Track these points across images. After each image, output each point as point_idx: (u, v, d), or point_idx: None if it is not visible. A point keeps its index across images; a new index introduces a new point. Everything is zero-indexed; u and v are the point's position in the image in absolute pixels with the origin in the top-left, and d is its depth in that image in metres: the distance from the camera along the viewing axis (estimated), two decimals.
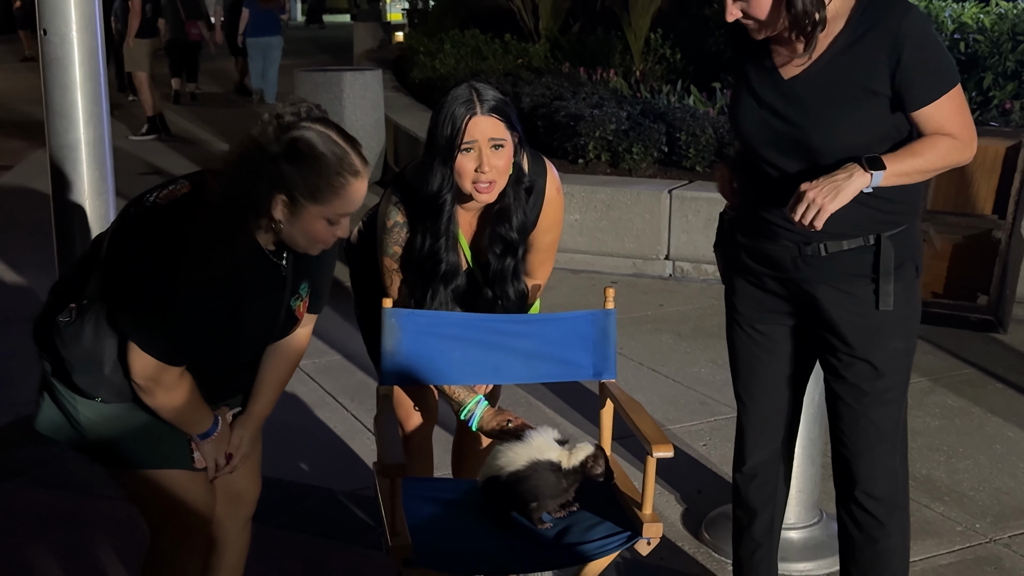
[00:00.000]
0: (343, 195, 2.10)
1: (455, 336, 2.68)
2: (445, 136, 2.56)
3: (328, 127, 2.13)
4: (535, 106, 7.80)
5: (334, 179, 2.09)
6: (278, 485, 3.70)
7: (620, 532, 2.46)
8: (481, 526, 2.53)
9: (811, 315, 2.50)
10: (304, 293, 2.35)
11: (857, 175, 2.23)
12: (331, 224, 2.14)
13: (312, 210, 2.10)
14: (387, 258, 2.72)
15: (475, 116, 2.54)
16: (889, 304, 2.39)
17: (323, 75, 8.86)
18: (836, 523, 3.35)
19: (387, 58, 13.36)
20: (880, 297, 2.39)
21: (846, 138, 2.31)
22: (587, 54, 10.23)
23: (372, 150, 8.78)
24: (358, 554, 3.27)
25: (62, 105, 3.93)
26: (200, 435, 2.34)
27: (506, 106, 2.60)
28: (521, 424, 2.60)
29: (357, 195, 2.13)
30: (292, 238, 2.16)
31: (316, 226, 2.13)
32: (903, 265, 2.41)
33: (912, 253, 2.43)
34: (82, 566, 3.19)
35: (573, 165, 7.12)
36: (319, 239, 2.16)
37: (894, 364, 2.46)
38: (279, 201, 2.09)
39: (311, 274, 2.34)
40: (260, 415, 2.48)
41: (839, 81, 2.32)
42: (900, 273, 2.40)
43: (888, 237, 2.37)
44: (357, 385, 4.58)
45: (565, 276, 6.11)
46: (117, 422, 2.27)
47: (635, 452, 3.71)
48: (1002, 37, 7.53)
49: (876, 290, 2.39)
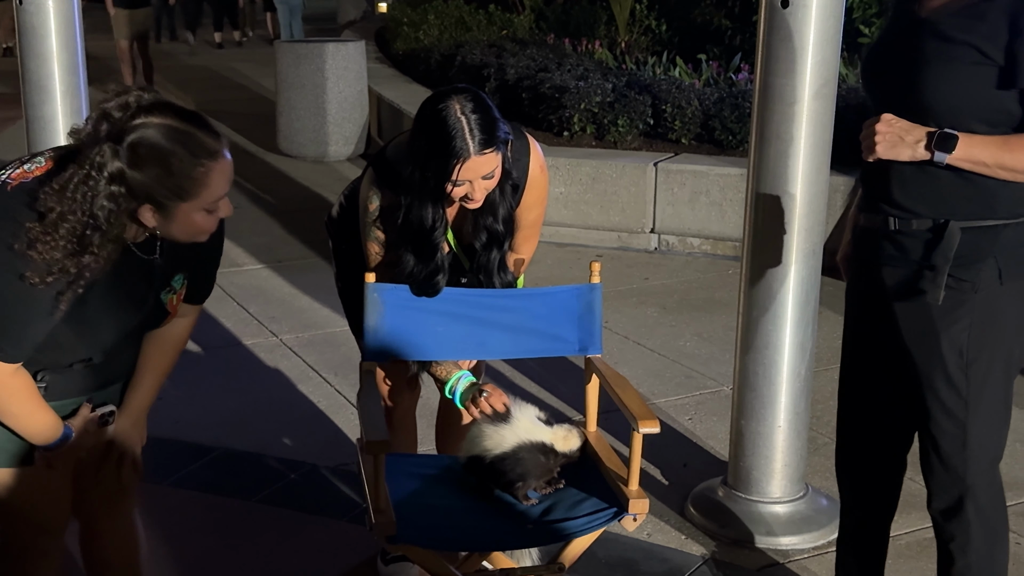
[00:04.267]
0: (210, 183, 1.93)
1: (439, 311, 2.65)
2: (436, 172, 2.44)
3: (164, 114, 1.91)
4: (520, 78, 7.74)
5: (194, 171, 1.90)
6: (261, 460, 3.68)
7: (606, 508, 2.45)
8: (466, 502, 2.51)
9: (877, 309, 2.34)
10: (178, 286, 2.18)
11: (921, 144, 2.09)
12: (210, 212, 1.98)
13: (184, 207, 1.94)
14: (370, 242, 2.67)
15: (468, 160, 2.42)
16: (937, 299, 2.17)
17: (305, 47, 8.78)
18: (822, 497, 3.36)
19: (370, 29, 13.26)
20: (928, 288, 2.18)
21: (936, 99, 2.13)
22: (572, 25, 10.17)
23: (355, 122, 8.73)
24: (342, 529, 3.25)
25: (38, 76, 3.86)
26: (46, 446, 2.11)
27: (496, 127, 2.46)
28: (495, 394, 2.57)
29: (224, 176, 1.96)
30: (172, 235, 2.01)
31: (194, 219, 1.97)
32: (978, 263, 2.18)
33: (1000, 254, 2.18)
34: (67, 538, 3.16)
35: (558, 137, 7.08)
36: (202, 229, 2.01)
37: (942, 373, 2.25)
38: (145, 211, 1.92)
39: (188, 266, 2.18)
40: (139, 406, 2.31)
41: (954, 35, 2.12)
42: (970, 270, 2.18)
43: (963, 228, 2.16)
44: (340, 359, 4.55)
45: (550, 250, 6.08)
46: None
47: (620, 426, 3.69)
48: None
49: (929, 281, 2.18)
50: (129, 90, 1.92)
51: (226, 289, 5.41)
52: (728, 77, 7.68)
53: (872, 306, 2.38)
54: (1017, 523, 3.32)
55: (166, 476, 3.56)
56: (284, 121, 8.78)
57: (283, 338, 4.84)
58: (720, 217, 6.12)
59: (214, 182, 1.94)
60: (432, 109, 2.45)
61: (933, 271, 2.20)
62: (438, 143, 2.42)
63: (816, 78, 2.92)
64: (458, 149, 2.40)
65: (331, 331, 4.85)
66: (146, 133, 1.87)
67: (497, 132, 2.45)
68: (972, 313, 2.23)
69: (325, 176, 8.12)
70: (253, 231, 6.57)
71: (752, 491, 3.26)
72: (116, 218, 1.90)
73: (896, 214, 2.25)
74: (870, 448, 2.56)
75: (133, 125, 1.87)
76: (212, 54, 16.16)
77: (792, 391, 3.16)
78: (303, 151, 8.70)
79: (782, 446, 3.21)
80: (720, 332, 4.80)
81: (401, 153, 2.58)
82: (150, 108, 1.90)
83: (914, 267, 2.24)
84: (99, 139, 1.87)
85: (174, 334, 2.30)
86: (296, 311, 5.19)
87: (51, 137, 3.92)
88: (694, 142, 6.81)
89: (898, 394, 2.43)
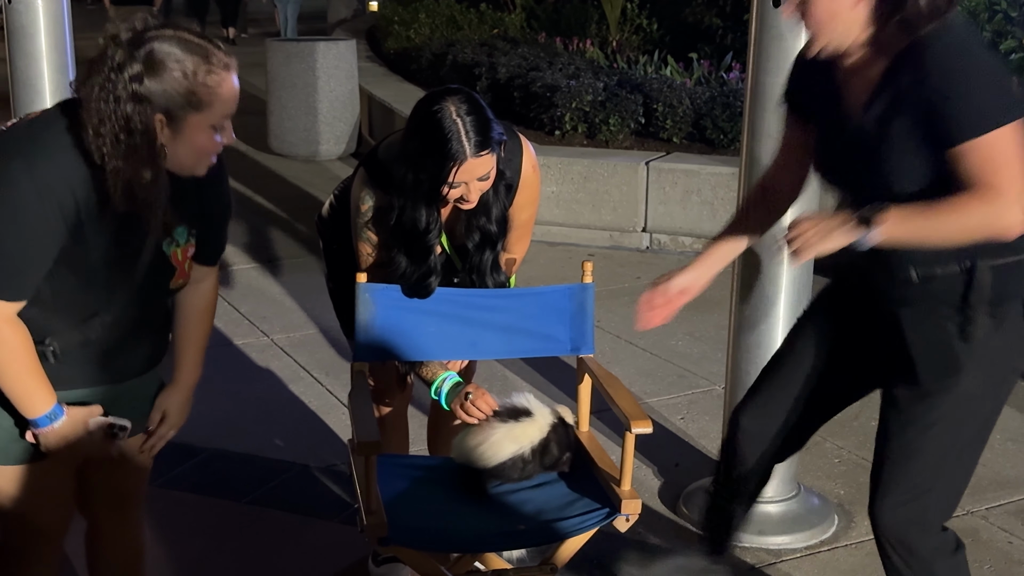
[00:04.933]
0: (221, 93, 1.95)
1: (430, 311, 2.64)
2: (431, 175, 2.43)
3: (177, 29, 1.95)
4: (511, 77, 7.73)
5: (209, 79, 1.92)
6: (252, 461, 3.67)
7: (598, 508, 2.44)
8: (457, 503, 2.50)
9: (889, 336, 2.26)
10: (182, 240, 2.15)
11: (848, 227, 2.02)
12: (215, 132, 1.99)
13: (194, 120, 1.94)
14: (362, 243, 2.66)
15: (465, 162, 2.41)
16: (977, 335, 2.11)
17: (296, 45, 8.76)
18: (814, 497, 3.36)
19: (361, 28, 13.25)
20: (966, 328, 2.12)
21: (898, 184, 2.08)
22: (563, 24, 10.16)
23: (346, 121, 8.71)
24: (333, 529, 3.24)
25: (28, 75, 3.85)
26: (37, 420, 2.05)
27: (491, 128, 2.44)
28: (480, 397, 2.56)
29: (233, 91, 1.98)
30: (178, 159, 1.99)
31: (201, 137, 1.97)
32: (1006, 302, 2.13)
33: (1018, 291, 2.13)
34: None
35: (549, 136, 7.07)
36: (206, 150, 2.01)
37: (958, 406, 2.19)
38: (158, 122, 1.92)
39: (190, 219, 2.14)
40: (188, 381, 2.31)
41: (890, 121, 2.08)
42: (999, 309, 2.12)
43: (990, 266, 2.10)
44: (331, 359, 4.54)
45: (542, 249, 6.07)
46: None
47: (612, 426, 3.69)
48: (979, 7, 7.51)
49: (963, 321, 2.12)
50: (135, 16, 1.95)
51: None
52: (719, 76, 7.68)
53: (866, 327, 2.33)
54: (1010, 522, 3.33)
55: (156, 477, 3.50)
56: (275, 120, 8.76)
57: (274, 338, 4.82)
58: (712, 216, 6.12)
59: (226, 94, 1.96)
60: (427, 111, 2.43)
61: (963, 313, 2.12)
62: (434, 146, 2.40)
63: None
64: (455, 152, 2.39)
65: (322, 331, 4.84)
66: (161, 44, 1.90)
67: (492, 133, 2.44)
68: (992, 347, 2.16)
69: (316, 175, 8.10)
70: (244, 230, 6.55)
71: None
72: (148, 120, 1.91)
73: (919, 269, 2.16)
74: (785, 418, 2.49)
75: (148, 36, 1.91)
76: None
77: None
78: (294, 150, 8.67)
79: None
80: (712, 331, 4.80)
81: (393, 153, 2.56)
82: (161, 26, 1.94)
83: (942, 308, 2.16)
84: (115, 58, 1.89)
85: (200, 302, 2.30)
86: (287, 311, 5.17)
87: None
88: (685, 141, 6.81)
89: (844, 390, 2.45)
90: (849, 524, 3.30)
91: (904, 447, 2.23)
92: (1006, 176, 1.97)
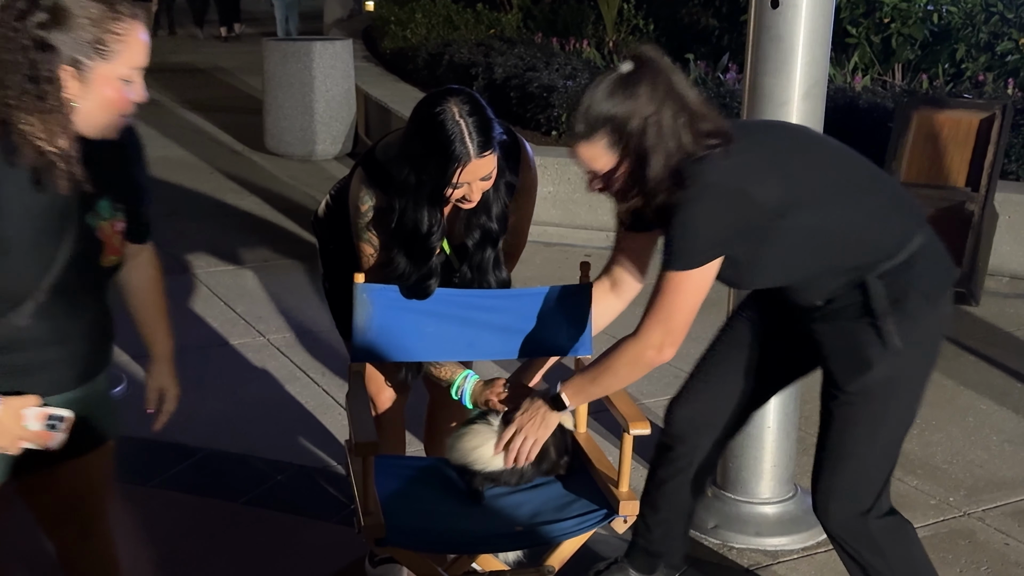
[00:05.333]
0: (130, 41, 1.90)
1: (428, 311, 2.63)
2: (434, 176, 2.42)
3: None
4: (508, 77, 7.73)
5: (115, 25, 1.87)
6: (248, 461, 3.66)
7: (596, 510, 2.44)
8: (454, 504, 2.50)
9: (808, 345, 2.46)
10: (107, 214, 2.06)
11: (548, 412, 2.43)
12: (126, 85, 1.93)
13: (102, 70, 1.89)
14: (363, 244, 2.65)
15: (469, 163, 2.40)
16: (897, 343, 2.28)
17: (292, 45, 8.74)
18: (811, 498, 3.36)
19: (357, 28, 13.23)
20: (881, 337, 2.28)
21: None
22: (560, 24, 10.16)
23: (343, 121, 8.70)
24: (329, 530, 3.24)
25: None
26: None
27: (492, 128, 2.44)
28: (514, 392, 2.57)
29: (143, 41, 1.93)
30: (88, 116, 1.93)
31: (109, 90, 1.92)
32: (906, 298, 2.29)
33: (916, 284, 2.30)
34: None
35: (546, 137, 7.07)
36: (116, 105, 1.94)
37: (881, 400, 2.37)
38: (66, 74, 1.87)
39: (114, 191, 2.07)
40: (164, 353, 2.33)
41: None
42: (903, 306, 2.29)
43: (878, 277, 2.28)
44: (328, 359, 4.53)
45: (538, 249, 6.07)
46: None
47: (609, 427, 3.68)
48: (975, 8, 7.52)
49: (876, 331, 2.29)
50: None
51: (213, 289, 5.38)
52: (716, 77, 7.68)
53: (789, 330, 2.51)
54: (1006, 523, 3.33)
55: (151, 477, 3.53)
56: (271, 120, 8.75)
57: (270, 338, 4.81)
58: None
59: (134, 43, 1.91)
60: (429, 113, 2.42)
61: (876, 322, 2.29)
62: (437, 147, 2.39)
63: (806, 78, 2.91)
64: (458, 153, 2.38)
65: (319, 331, 4.83)
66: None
67: (494, 133, 2.44)
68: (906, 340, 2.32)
69: (313, 175, 8.09)
70: (240, 230, 6.55)
71: (741, 492, 3.26)
72: (54, 69, 1.86)
73: (820, 297, 2.35)
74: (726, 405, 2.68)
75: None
76: (199, 51, 16.10)
77: (782, 392, 3.14)
78: (290, 150, 8.66)
79: (771, 447, 3.21)
80: (709, 332, 4.74)
81: (392, 154, 2.55)
82: None
83: (851, 321, 2.33)
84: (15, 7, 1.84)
85: (142, 274, 2.27)
86: (284, 311, 5.17)
87: None
88: None
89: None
90: None
91: (836, 449, 2.42)
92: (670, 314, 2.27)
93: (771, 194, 2.21)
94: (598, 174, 2.26)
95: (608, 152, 2.19)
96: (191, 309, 5.14)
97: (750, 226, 2.22)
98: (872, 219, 2.31)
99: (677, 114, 2.15)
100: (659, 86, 2.14)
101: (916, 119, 5.54)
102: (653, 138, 2.14)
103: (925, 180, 5.48)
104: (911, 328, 2.30)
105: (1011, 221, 5.59)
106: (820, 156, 2.35)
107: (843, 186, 2.32)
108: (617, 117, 2.14)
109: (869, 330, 2.30)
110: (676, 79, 2.18)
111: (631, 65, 2.16)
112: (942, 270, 2.39)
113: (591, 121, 2.16)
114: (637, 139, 2.15)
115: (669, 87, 2.16)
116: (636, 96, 2.13)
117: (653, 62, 2.17)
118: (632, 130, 2.14)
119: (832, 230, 2.28)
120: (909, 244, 2.30)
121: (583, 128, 2.17)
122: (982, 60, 7.23)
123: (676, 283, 2.24)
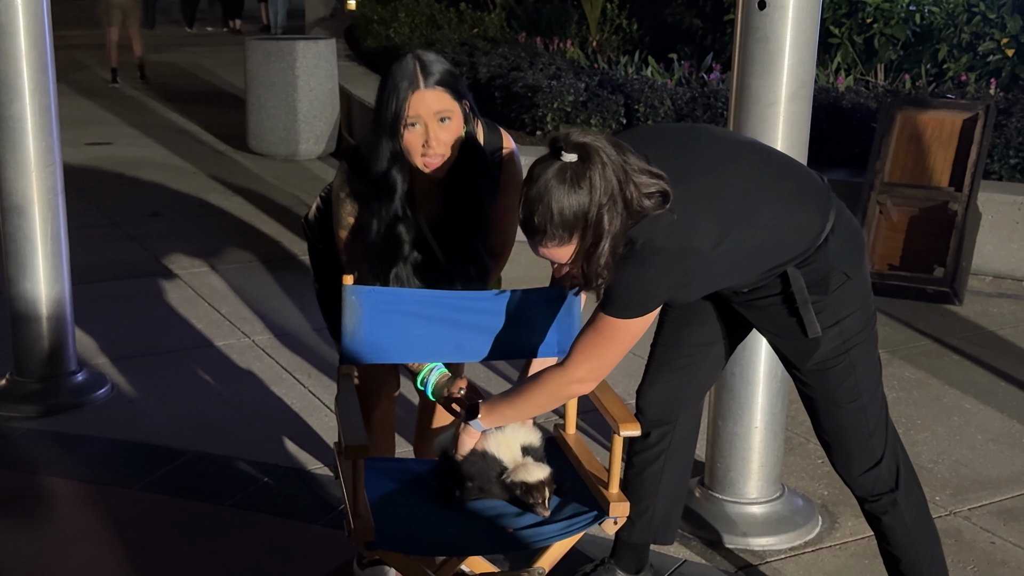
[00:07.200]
0: None
1: (417, 313, 2.62)
2: (390, 113, 2.48)
3: None
4: (492, 77, 7.73)
5: None
6: (233, 464, 3.64)
7: (586, 512, 2.43)
8: (444, 507, 2.49)
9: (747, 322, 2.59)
10: None
11: (464, 427, 2.44)
12: None
13: None
14: (342, 230, 2.66)
15: (419, 91, 2.46)
16: (817, 331, 2.38)
17: (275, 44, 8.71)
18: (798, 498, 3.37)
19: (339, 26, 13.20)
20: (806, 326, 2.39)
21: None
22: (543, 24, 10.16)
23: (326, 120, 8.67)
24: (316, 533, 3.22)
25: (7, 75, 3.83)
26: None
27: (452, 76, 2.52)
28: (471, 394, 2.56)
29: None
30: None
31: None
32: (826, 280, 2.38)
33: (833, 262, 2.38)
34: (37, 544, 3.12)
35: (531, 137, 7.07)
36: None
37: (836, 360, 2.45)
38: None
39: None
40: None
41: None
42: (821, 287, 2.38)
43: (796, 267, 2.36)
44: (314, 360, 4.51)
45: (525, 249, 6.03)
46: None
47: (599, 428, 3.68)
48: (957, 9, 7.56)
49: (798, 320, 2.39)
50: None
51: (197, 290, 5.35)
52: (700, 77, 7.70)
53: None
54: (992, 522, 3.35)
55: (136, 480, 3.51)
56: (254, 119, 8.71)
57: (256, 339, 4.79)
58: None
59: None
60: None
61: (796, 309, 2.38)
62: (391, 81, 2.47)
63: (793, 79, 2.92)
64: (408, 82, 2.46)
65: (304, 332, 4.81)
66: None
67: (452, 80, 2.51)
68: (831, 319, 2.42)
69: (296, 175, 8.06)
70: (224, 230, 6.51)
71: (729, 492, 3.26)
72: None
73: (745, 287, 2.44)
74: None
75: None
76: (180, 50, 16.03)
77: (769, 392, 3.16)
78: (274, 149, 8.63)
79: (759, 447, 3.22)
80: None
81: (371, 141, 2.57)
82: None
83: (777, 307, 2.43)
84: None
85: None
86: (269, 312, 5.14)
87: (20, 136, 3.88)
88: None
89: None
90: (833, 525, 3.31)
91: (829, 421, 2.54)
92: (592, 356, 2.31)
93: (711, 236, 2.25)
94: (564, 263, 2.26)
95: (577, 243, 2.20)
96: (175, 310, 5.11)
97: (692, 271, 2.28)
98: (792, 214, 2.35)
99: (626, 189, 2.16)
100: (607, 168, 2.14)
101: (900, 119, 5.57)
102: (609, 222, 2.14)
103: (909, 180, 5.51)
104: (840, 303, 2.40)
105: (994, 221, 5.61)
106: (739, 170, 2.34)
107: (763, 191, 2.34)
108: (587, 213, 2.14)
109: (793, 319, 2.40)
110: (616, 153, 2.17)
111: (574, 155, 2.14)
112: (853, 237, 2.43)
113: (567, 225, 2.14)
114: (596, 228, 2.15)
115: (614, 166, 2.15)
116: (592, 186, 2.13)
117: (591, 145, 2.15)
118: (592, 220, 2.15)
119: (761, 242, 2.32)
120: (825, 226, 2.35)
121: (561, 233, 2.16)
122: (964, 60, 7.27)
123: (613, 328, 2.28)
